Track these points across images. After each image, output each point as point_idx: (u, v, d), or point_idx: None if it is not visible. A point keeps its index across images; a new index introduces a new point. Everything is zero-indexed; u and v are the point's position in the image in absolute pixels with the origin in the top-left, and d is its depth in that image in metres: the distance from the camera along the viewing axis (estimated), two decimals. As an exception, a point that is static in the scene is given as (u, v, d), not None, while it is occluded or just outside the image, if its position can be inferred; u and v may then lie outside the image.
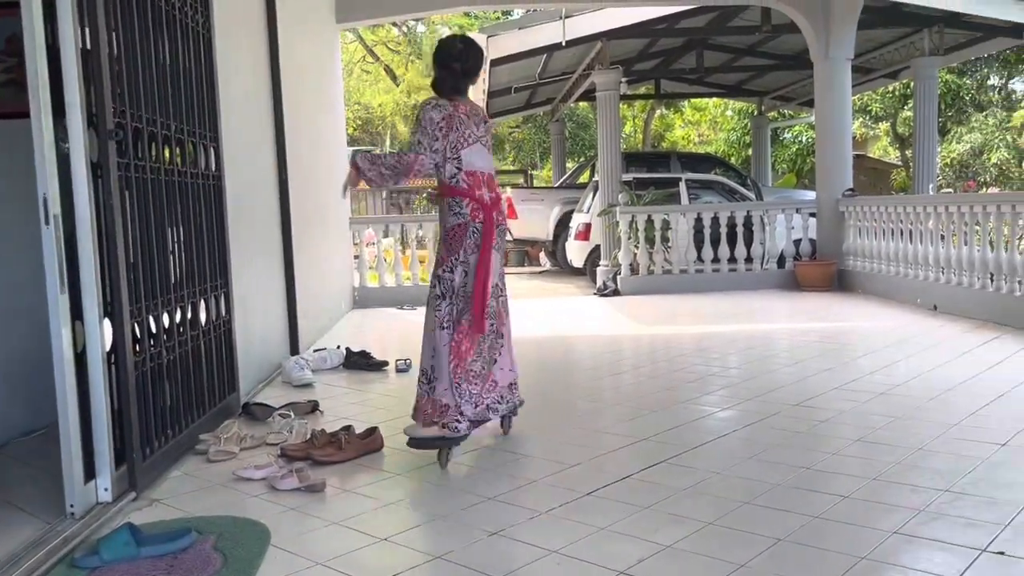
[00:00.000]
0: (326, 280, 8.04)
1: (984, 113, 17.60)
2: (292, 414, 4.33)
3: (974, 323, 6.75)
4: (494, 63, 10.32)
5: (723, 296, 9.45)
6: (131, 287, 3.24)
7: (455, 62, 3.71)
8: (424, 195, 19.63)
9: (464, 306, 3.68)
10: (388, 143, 25.12)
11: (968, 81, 18.10)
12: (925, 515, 2.79)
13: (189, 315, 3.92)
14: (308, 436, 3.88)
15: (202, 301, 4.10)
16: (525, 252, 16.83)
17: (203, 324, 4.10)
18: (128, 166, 3.26)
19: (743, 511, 2.90)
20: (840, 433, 3.86)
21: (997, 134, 16.93)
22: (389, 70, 25.58)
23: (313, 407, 4.59)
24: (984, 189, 15.42)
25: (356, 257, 10.03)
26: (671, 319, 7.95)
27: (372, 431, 3.85)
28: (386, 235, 10.58)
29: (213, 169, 4.33)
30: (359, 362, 5.86)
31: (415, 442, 3.59)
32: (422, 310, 9.45)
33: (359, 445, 3.73)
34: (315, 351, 6.05)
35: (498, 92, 13.99)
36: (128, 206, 3.27)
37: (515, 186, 16.56)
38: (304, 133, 7.07)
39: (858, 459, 3.46)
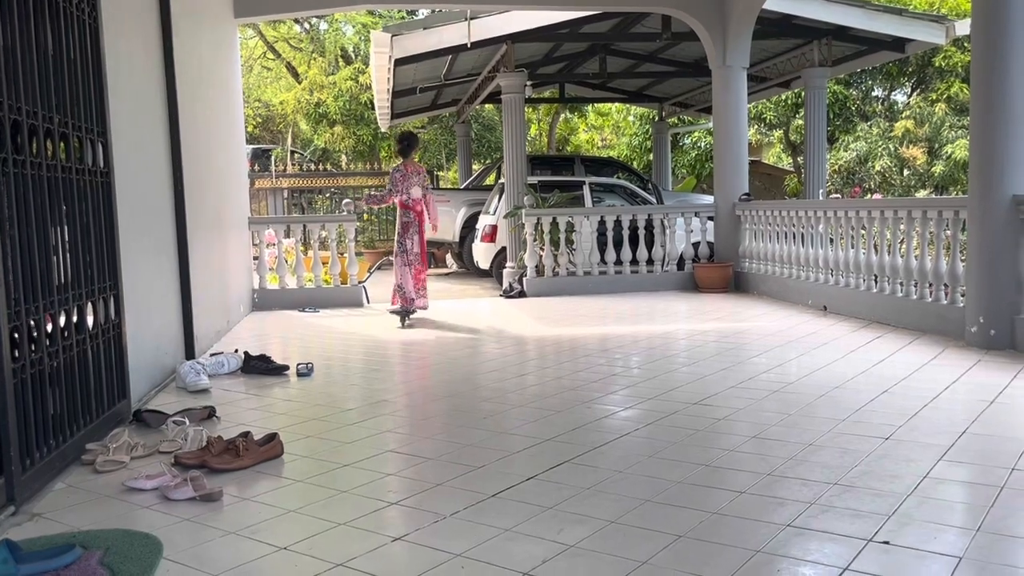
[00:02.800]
0: (224, 282, 7.79)
1: (869, 123, 18.54)
2: (187, 421, 4.17)
3: (860, 323, 7.09)
4: (399, 63, 10.22)
5: (625, 297, 9.63)
6: (10, 289, 3.05)
7: (400, 144, 8.30)
8: (327, 195, 19.30)
9: (413, 258, 8.07)
10: (290, 141, 24.57)
11: (854, 92, 19.03)
12: (816, 508, 2.91)
13: (75, 318, 3.72)
14: (204, 443, 3.74)
15: (89, 304, 3.91)
16: (431, 254, 16.75)
17: (90, 328, 3.90)
18: (6, 161, 3.07)
19: (644, 509, 2.96)
20: (736, 430, 3.98)
21: (880, 143, 17.85)
22: (291, 67, 25.03)
23: (209, 413, 4.43)
24: (869, 195, 16.22)
25: (256, 258, 9.77)
26: (575, 320, 8.05)
27: (272, 437, 3.74)
28: (288, 235, 10.32)
29: (101, 165, 4.13)
30: (258, 366, 5.70)
31: (395, 311, 8.00)
32: (326, 312, 9.27)
33: (258, 452, 3.62)
34: (212, 355, 5.86)
35: (403, 92, 13.86)
36: (7, 204, 3.08)
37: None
38: (200, 129, 6.83)
39: (753, 455, 3.57)
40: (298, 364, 5.68)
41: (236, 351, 5.94)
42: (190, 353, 6.00)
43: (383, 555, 2.64)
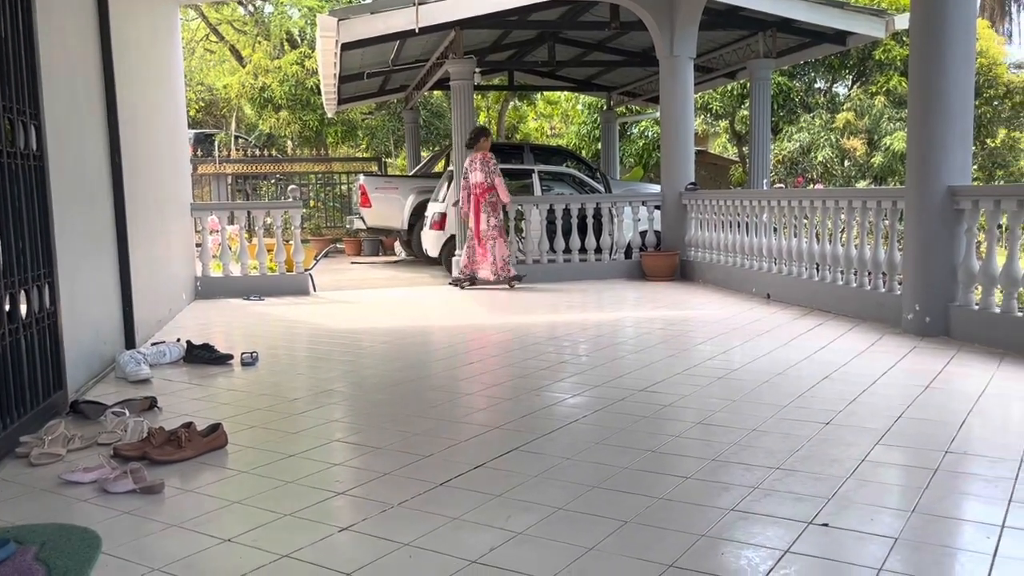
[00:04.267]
0: (165, 269, 7.62)
1: (811, 114, 18.87)
2: (127, 411, 4.07)
3: (802, 310, 7.24)
4: (345, 47, 10.07)
5: (574, 286, 9.68)
6: (-64, 277, 2.93)
7: (468, 137, 9.82)
8: (272, 181, 18.98)
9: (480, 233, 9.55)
10: (234, 126, 24.08)
11: (798, 84, 19.34)
12: (759, 492, 2.96)
13: (7, 308, 3.59)
14: (144, 435, 3.65)
15: (22, 292, 3.78)
16: (380, 241, 16.60)
17: (23, 317, 3.78)
18: (-69, 143, 2.94)
19: (592, 495, 2.98)
20: (682, 416, 4.04)
21: (823, 134, 18.20)
22: (235, 51, 24.49)
23: (150, 404, 4.34)
24: (811, 185, 16.56)
25: (198, 245, 9.56)
26: (524, 308, 8.06)
27: (215, 427, 3.67)
28: (232, 222, 10.13)
29: (34, 148, 3.99)
30: (201, 355, 5.59)
31: (508, 278, 9.47)
32: (271, 300, 9.12)
33: (201, 443, 3.55)
34: (153, 344, 5.73)
35: (350, 77, 13.67)
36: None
37: (368, 174, 16.28)
38: (140, 112, 6.65)
39: (699, 441, 3.62)
40: (242, 353, 5.58)
41: (178, 340, 5.82)
42: (130, 342, 5.86)
43: (329, 546, 2.62)
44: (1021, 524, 2.64)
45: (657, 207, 10.55)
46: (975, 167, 9.65)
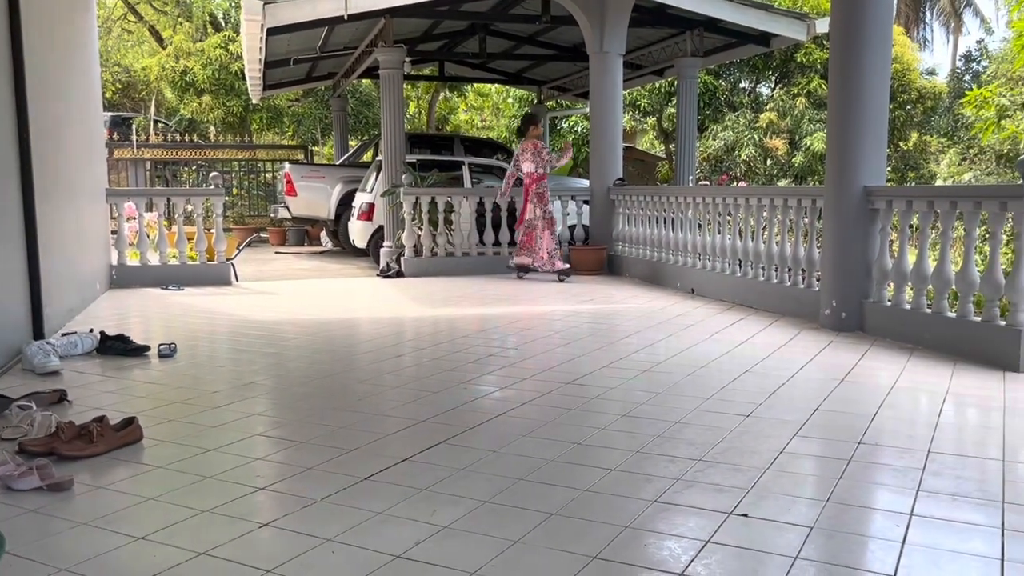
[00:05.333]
0: (77, 257, 7.32)
1: (736, 113, 19.31)
2: (34, 405, 3.89)
3: (725, 305, 7.40)
4: (271, 32, 9.83)
5: (503, 278, 9.69)
6: None
7: (520, 125, 10.33)
8: (194, 167, 18.44)
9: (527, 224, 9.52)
10: (153, 110, 23.29)
11: (723, 83, 19.75)
12: (681, 483, 3.01)
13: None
14: (53, 429, 3.50)
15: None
16: (305, 231, 16.31)
17: (-79, 305, 3.57)
18: None
19: (518, 488, 2.98)
20: (608, 409, 4.08)
21: (746, 133, 18.65)
22: (154, 31, 23.68)
23: (59, 397, 4.16)
24: (735, 183, 16.95)
25: (114, 232, 9.22)
26: (453, 301, 8.03)
27: (130, 422, 3.54)
28: (150, 209, 9.81)
29: (-66, 127, 3.77)
30: (116, 347, 5.39)
31: (560, 271, 9.32)
32: (191, 290, 8.88)
33: (114, 438, 3.42)
34: (63, 335, 5.50)
35: (276, 63, 13.36)
36: None
37: (294, 162, 15.97)
38: (50, 92, 6.35)
39: (624, 433, 3.66)
40: (160, 345, 5.40)
41: (91, 331, 5.60)
42: (38, 333, 5.60)
43: (249, 542, 2.55)
44: (928, 512, 2.75)
45: (586, 202, 10.64)
46: (889, 169, 10.04)
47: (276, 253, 14.54)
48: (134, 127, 19.73)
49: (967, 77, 24.14)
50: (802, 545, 2.50)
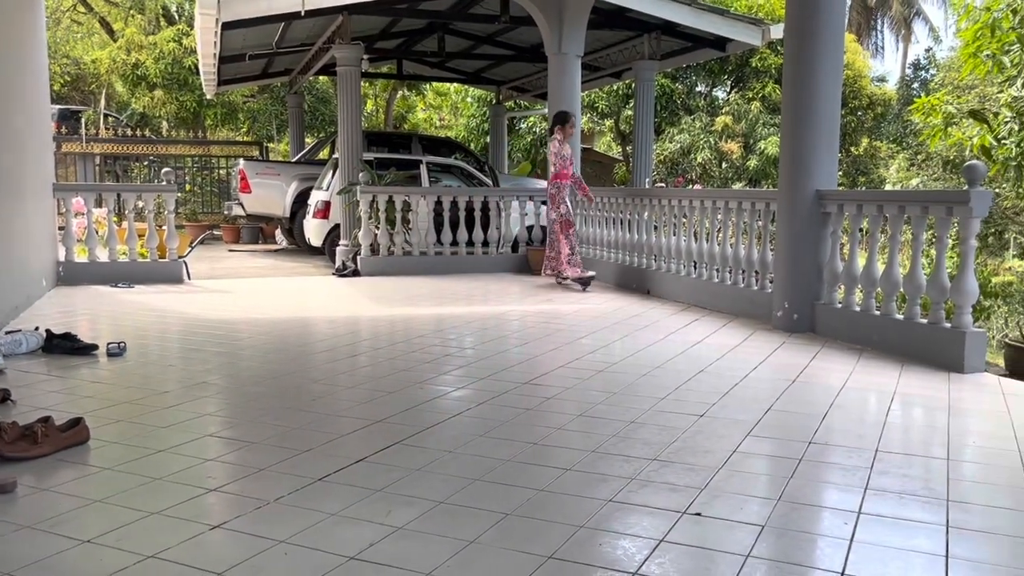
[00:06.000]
0: (22, 252, 7.12)
1: (692, 117, 19.53)
2: (-24, 405, 3.77)
3: (680, 306, 7.48)
4: (226, 27, 9.67)
5: (460, 278, 9.67)
6: None
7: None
8: (145, 163, 18.08)
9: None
10: (103, 103, 22.77)
11: (680, 86, 19.96)
12: (636, 483, 3.03)
13: None
14: (-5, 430, 3.39)
15: None
16: (260, 229, 16.10)
17: None
18: None
19: (473, 488, 2.97)
20: (564, 409, 4.09)
21: (702, 136, 18.87)
22: (105, 23, 23.16)
23: (3, 396, 4.04)
24: (690, 185, 17.13)
25: (61, 228, 8.99)
26: (410, 300, 7.99)
27: (76, 422, 3.46)
28: (99, 205, 9.59)
29: None
30: (62, 345, 5.25)
31: (579, 279, 8.48)
32: (141, 288, 8.70)
33: (59, 438, 3.33)
34: (7, 333, 5.35)
35: (231, 58, 13.16)
36: None
37: (249, 158, 15.75)
38: (-4, 84, 6.18)
39: (580, 433, 3.68)
40: (108, 343, 5.28)
41: (36, 328, 5.46)
42: (-18, 331, 5.44)
43: (200, 544, 2.51)
44: (876, 511, 2.81)
45: (543, 202, 10.65)
46: (840, 173, 10.25)
47: (230, 251, 14.32)
48: (83, 121, 19.27)
49: (916, 84, 24.73)
50: (754, 544, 2.53)
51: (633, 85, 12.88)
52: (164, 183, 9.24)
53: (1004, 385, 4.68)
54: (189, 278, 9.26)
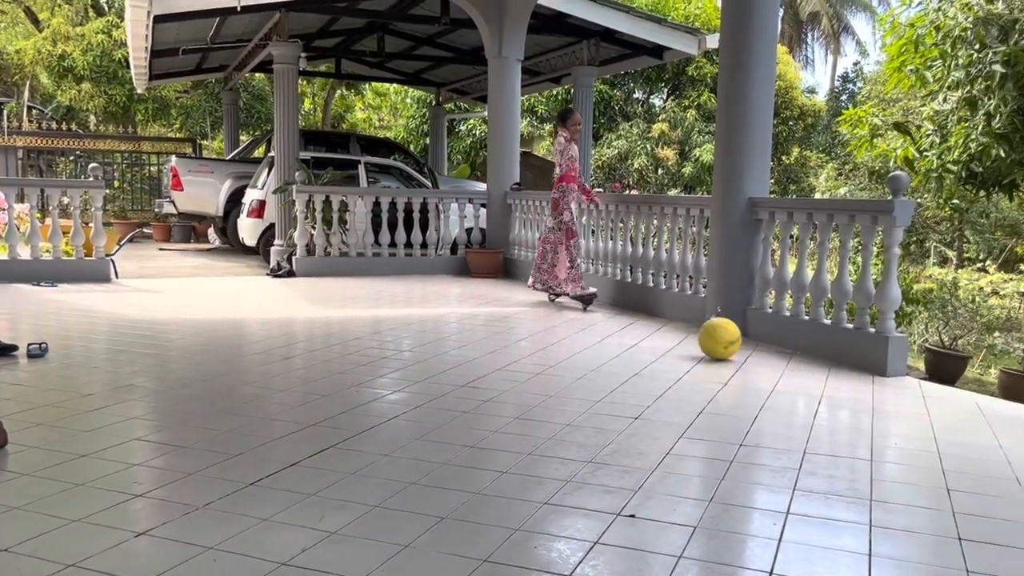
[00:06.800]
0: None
1: (630, 123, 19.79)
2: None
3: (617, 310, 7.56)
4: (159, 19, 9.42)
5: (399, 280, 9.60)
6: None
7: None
8: (71, 158, 17.49)
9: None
10: (27, 95, 21.95)
11: (618, 93, 20.21)
12: (571, 485, 3.05)
13: None
14: (-95, 435, 3.24)
15: None
16: (192, 228, 15.73)
17: None
18: None
19: (409, 492, 2.95)
20: (501, 412, 4.09)
21: (639, 142, 19.14)
22: (30, 12, 22.33)
23: (-86, 400, 3.85)
24: (628, 191, 17.35)
25: (-19, 224, 8.64)
26: (347, 302, 7.90)
27: (-7, 426, 3.32)
28: (21, 200, 9.23)
29: None
30: (-20, 346, 5.04)
31: (580, 296, 7.52)
32: (65, 287, 8.43)
33: (-25, 443, 3.19)
34: (-80, 333, 5.10)
35: (163, 52, 12.83)
36: None
37: (182, 155, 15.37)
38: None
39: (516, 436, 3.69)
40: (29, 344, 5.09)
41: (-48, 329, 5.22)
42: None
43: (125, 552, 2.43)
44: (803, 511, 2.89)
45: (483, 205, 10.67)
46: (772, 181, 10.48)
47: (160, 250, 13.96)
48: (5, 113, 18.54)
49: (844, 96, 25.52)
50: (686, 545, 2.57)
51: (572, 90, 12.98)
52: (91, 179, 8.95)
53: (924, 388, 4.86)
54: (117, 277, 8.99)
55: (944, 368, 8.28)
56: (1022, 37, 7.07)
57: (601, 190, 16.01)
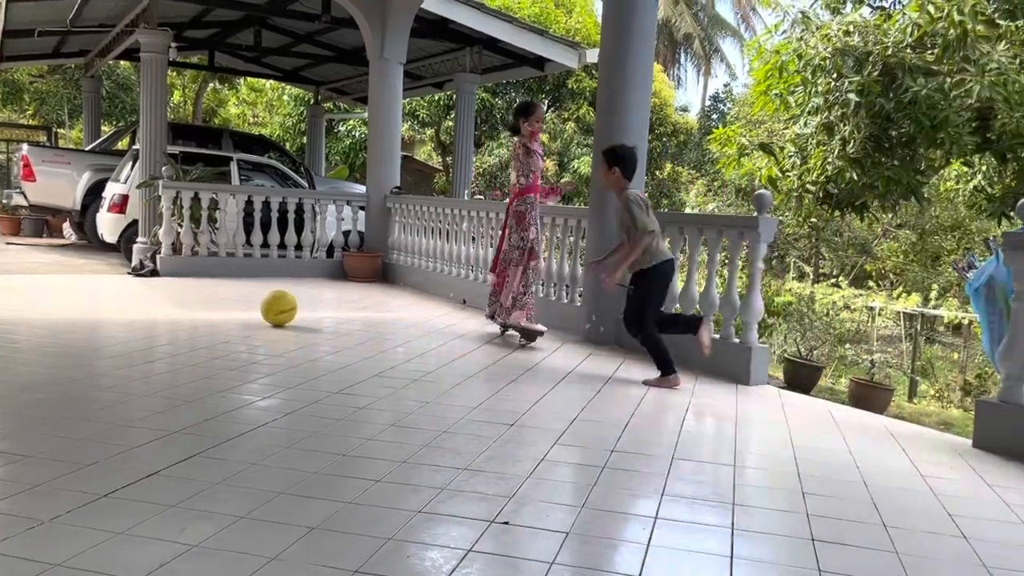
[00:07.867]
0: None
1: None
2: None
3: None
4: (14, -3, 8.82)
5: (272, 282, 9.28)
6: None
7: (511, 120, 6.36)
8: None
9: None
10: None
11: (500, 102, 20.38)
12: (446, 493, 3.03)
13: None
14: None
15: None
16: (45, 221, 14.74)
17: None
18: None
19: (278, 501, 2.85)
20: (377, 419, 4.02)
21: (519, 152, 19.41)
22: None
23: None
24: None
25: None
26: (215, 304, 7.58)
27: None
28: None
29: None
30: None
31: (527, 330, 6.27)
32: None
33: None
34: None
35: (18, 32, 11.98)
36: None
37: (35, 144, 14.38)
38: None
39: (391, 443, 3.63)
40: None
41: None
42: None
43: (-43, 573, 2.23)
44: (671, 515, 2.97)
45: (362, 208, 10.50)
46: (647, 195, 10.85)
47: (8, 244, 13.00)
48: None
49: (715, 116, 26.72)
50: (558, 551, 2.60)
51: (454, 96, 13.00)
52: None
53: (783, 396, 5.12)
54: (-43, 272, 8.31)
55: (801, 377, 8.75)
56: (875, 68, 7.58)
57: (482, 197, 16.09)
